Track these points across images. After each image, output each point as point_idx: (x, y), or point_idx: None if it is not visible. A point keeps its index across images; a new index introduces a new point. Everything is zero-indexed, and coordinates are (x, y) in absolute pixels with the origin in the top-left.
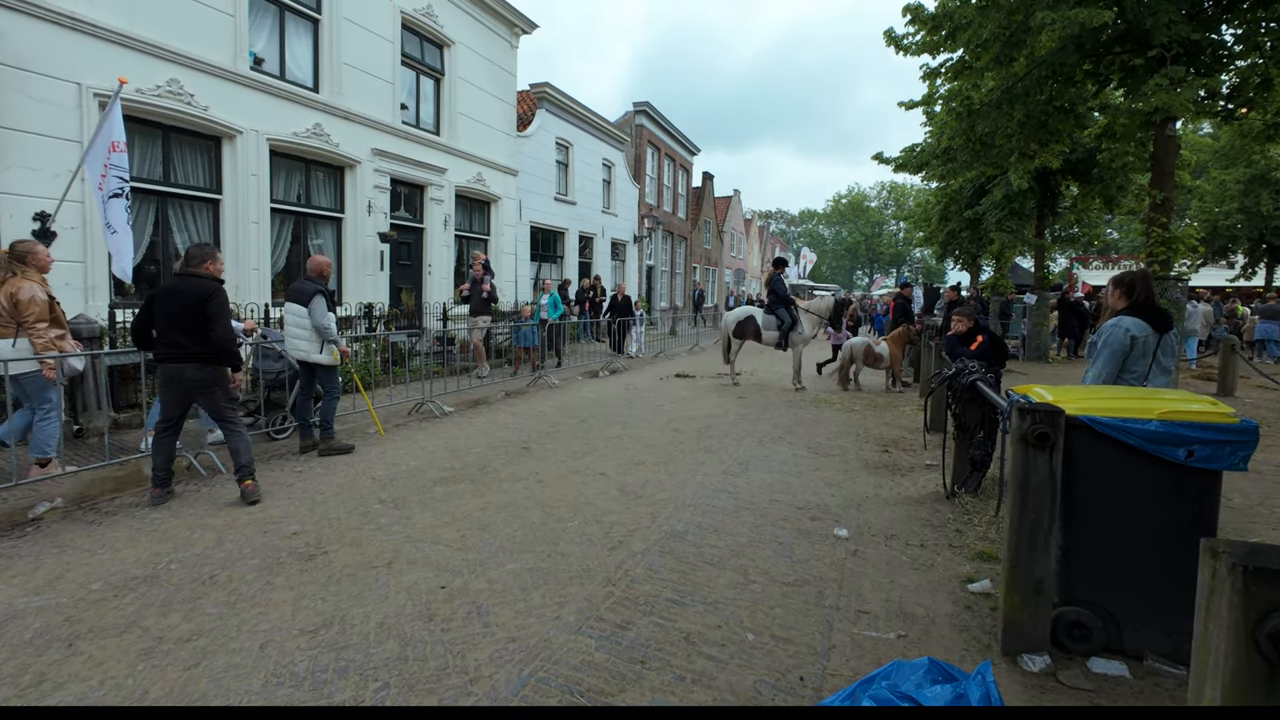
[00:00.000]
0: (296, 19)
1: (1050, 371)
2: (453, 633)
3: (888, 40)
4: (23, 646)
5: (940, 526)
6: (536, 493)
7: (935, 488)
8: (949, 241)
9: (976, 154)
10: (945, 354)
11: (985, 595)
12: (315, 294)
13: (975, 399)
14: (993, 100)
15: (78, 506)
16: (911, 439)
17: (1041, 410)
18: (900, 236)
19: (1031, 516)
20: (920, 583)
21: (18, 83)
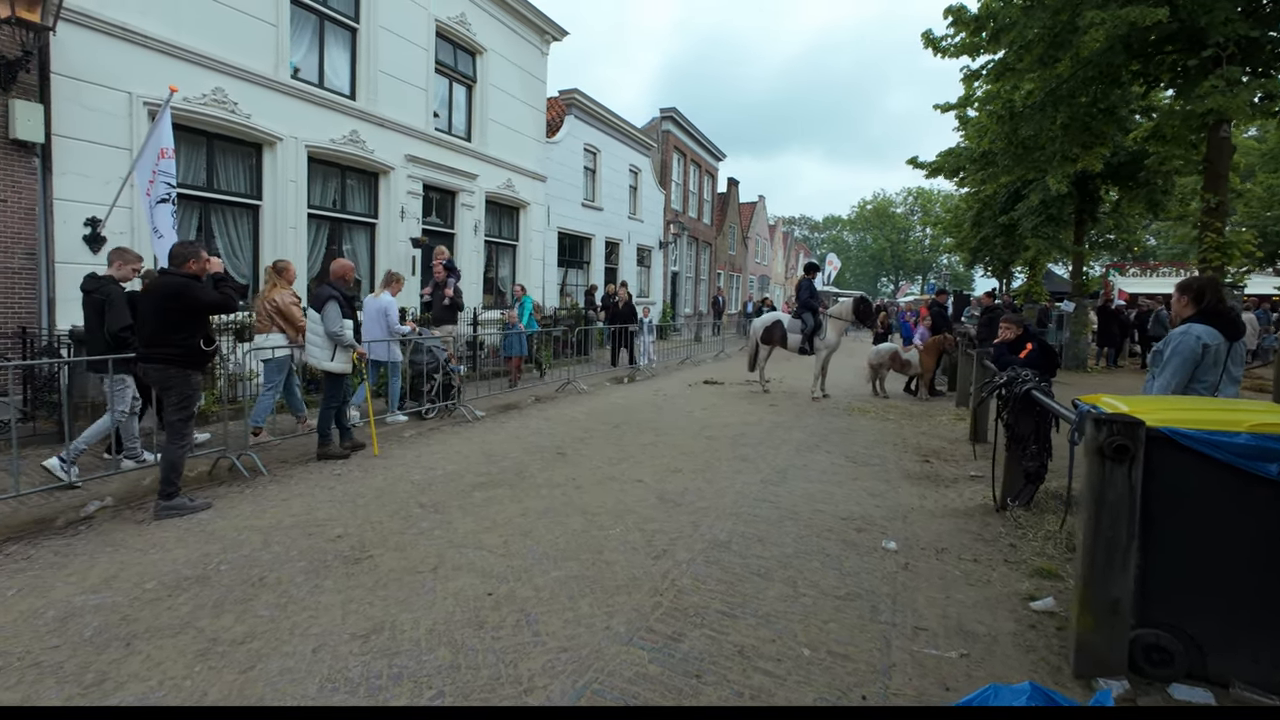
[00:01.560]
0: (335, 28)
1: (1091, 381)
2: (503, 641)
3: (925, 42)
4: (83, 644)
5: (992, 541)
6: (575, 499)
7: (983, 500)
8: (980, 248)
9: (1018, 158)
10: (992, 362)
11: (1049, 614)
12: (328, 299)
13: (1029, 408)
14: (1036, 102)
15: (126, 505)
16: (952, 449)
17: (1120, 421)
18: (926, 243)
19: (1107, 533)
20: (977, 599)
21: (72, 92)
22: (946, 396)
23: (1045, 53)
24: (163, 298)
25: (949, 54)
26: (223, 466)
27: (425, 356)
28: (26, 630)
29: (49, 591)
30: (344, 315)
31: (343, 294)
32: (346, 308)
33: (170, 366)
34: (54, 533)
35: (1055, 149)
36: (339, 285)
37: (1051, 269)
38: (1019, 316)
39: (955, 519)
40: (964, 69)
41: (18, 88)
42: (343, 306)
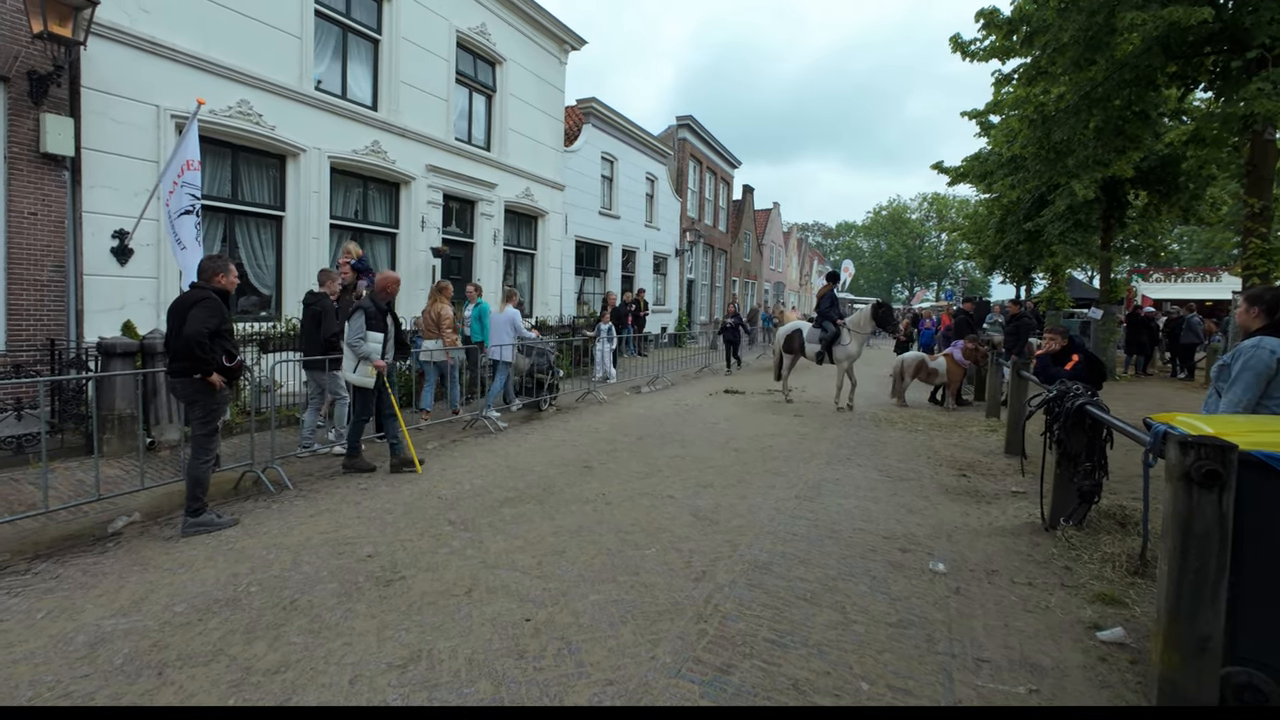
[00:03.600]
0: (358, 39)
1: (1120, 390)
2: (545, 672)
3: (954, 46)
4: (114, 673)
5: (1045, 562)
6: (606, 516)
7: (1029, 518)
8: (1002, 254)
9: (1050, 162)
10: (1036, 374)
11: (1120, 646)
12: (356, 310)
13: (1081, 424)
14: (1069, 106)
15: (154, 521)
16: (988, 462)
17: (1210, 445)
18: (942, 249)
19: (1196, 565)
20: (1039, 628)
21: (102, 106)
22: (974, 406)
23: (1080, 55)
24: (185, 308)
25: (978, 58)
26: (248, 481)
27: (537, 359)
28: (57, 657)
29: (78, 614)
30: (374, 328)
31: (378, 306)
32: (378, 321)
33: (192, 380)
34: (83, 550)
35: (1087, 154)
36: (378, 298)
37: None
38: (1063, 327)
39: (1002, 538)
40: (994, 73)
41: (49, 102)
42: (371, 319)
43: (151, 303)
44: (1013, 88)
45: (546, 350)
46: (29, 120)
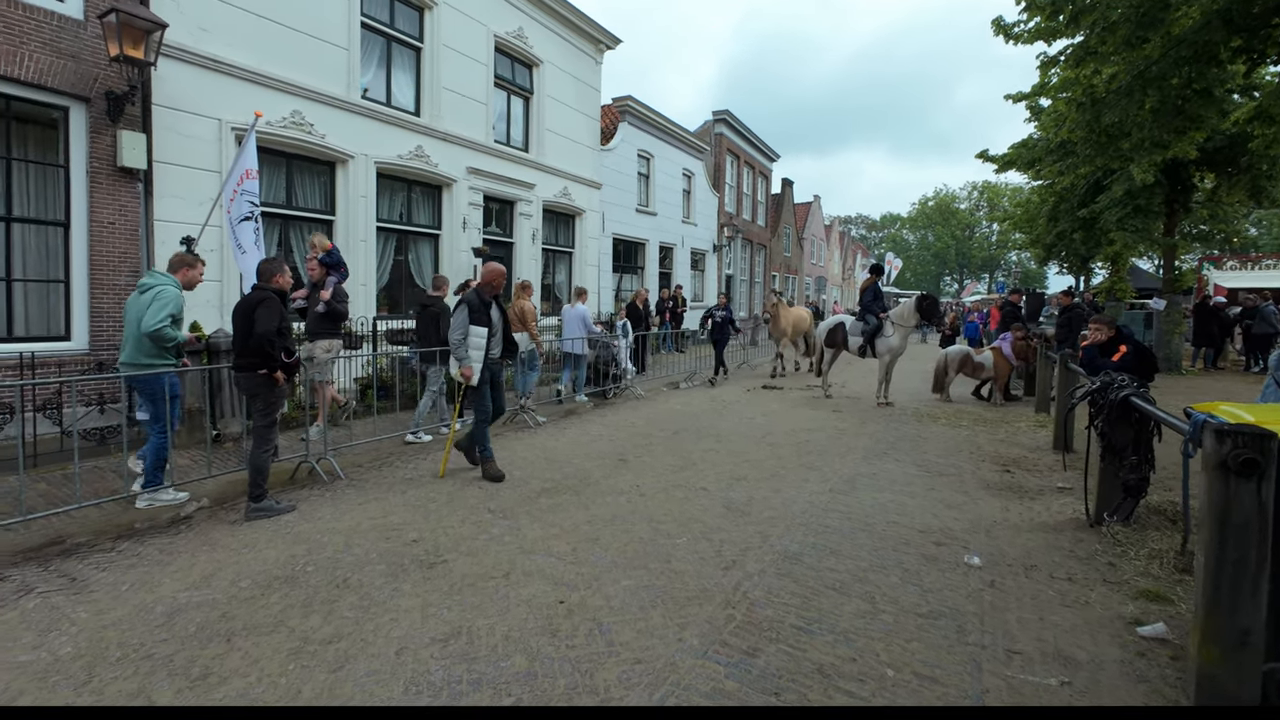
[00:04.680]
0: (401, 48)
1: (1184, 384)
2: (577, 650)
3: (996, 29)
4: (189, 639)
5: (1088, 559)
6: (640, 506)
7: (1074, 514)
8: (1056, 244)
9: (1100, 147)
10: (1082, 366)
11: (1161, 641)
12: (459, 304)
13: (1126, 416)
14: (1121, 87)
15: (221, 506)
16: (1034, 458)
17: (1247, 433)
18: (994, 239)
19: (1234, 556)
20: (1076, 622)
21: (170, 121)
22: (1023, 402)
23: (1132, 33)
24: (251, 308)
25: (1022, 40)
26: (304, 471)
27: (601, 351)
28: (140, 624)
29: (157, 587)
30: (477, 323)
31: (481, 300)
32: (482, 315)
33: (256, 375)
34: (159, 531)
35: (1143, 135)
36: (483, 291)
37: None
38: (1109, 317)
39: (1044, 534)
40: (1040, 55)
41: (124, 119)
42: (475, 313)
43: (215, 304)
44: (1059, 70)
45: (610, 344)
46: (107, 137)
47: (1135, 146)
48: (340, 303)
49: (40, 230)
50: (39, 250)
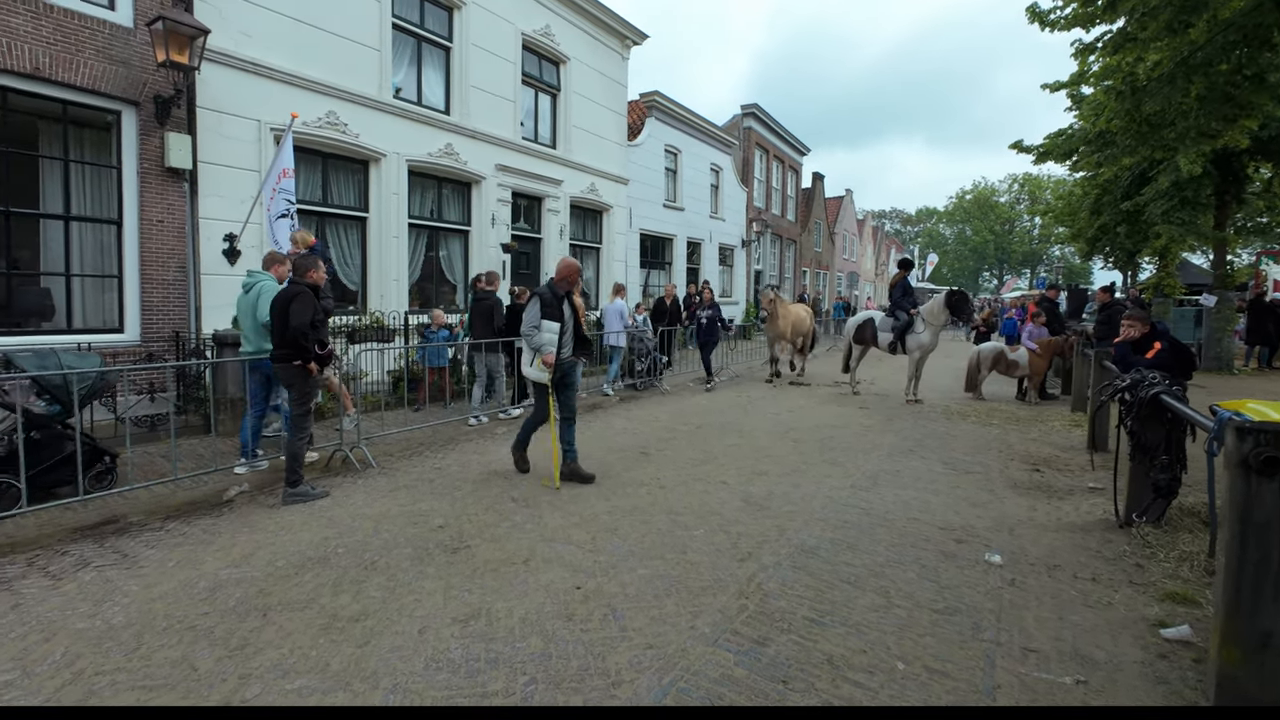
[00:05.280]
0: (431, 48)
1: (1235, 385)
2: (591, 634)
3: (1031, 16)
4: (229, 613)
5: (1115, 559)
6: (660, 499)
7: (1103, 514)
8: (1099, 237)
9: (1141, 137)
10: (1114, 363)
11: (1185, 644)
12: (531, 298)
13: (1157, 415)
14: (1164, 74)
15: (260, 491)
16: (1066, 458)
17: (1269, 430)
18: (1035, 233)
19: (1256, 556)
20: (1097, 622)
21: (214, 123)
22: (1060, 400)
23: (1174, 18)
24: (286, 303)
25: (1058, 27)
26: (338, 459)
27: (637, 344)
28: (185, 597)
29: (200, 564)
30: (550, 317)
31: (554, 294)
32: (554, 309)
33: (291, 366)
34: (203, 512)
35: (1189, 124)
36: (556, 285)
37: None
38: (1144, 312)
39: (1070, 534)
40: (1075, 43)
41: (171, 122)
42: (547, 307)
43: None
44: (1098, 57)
45: (646, 338)
46: (155, 139)
47: (1179, 136)
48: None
49: (96, 228)
50: (95, 247)
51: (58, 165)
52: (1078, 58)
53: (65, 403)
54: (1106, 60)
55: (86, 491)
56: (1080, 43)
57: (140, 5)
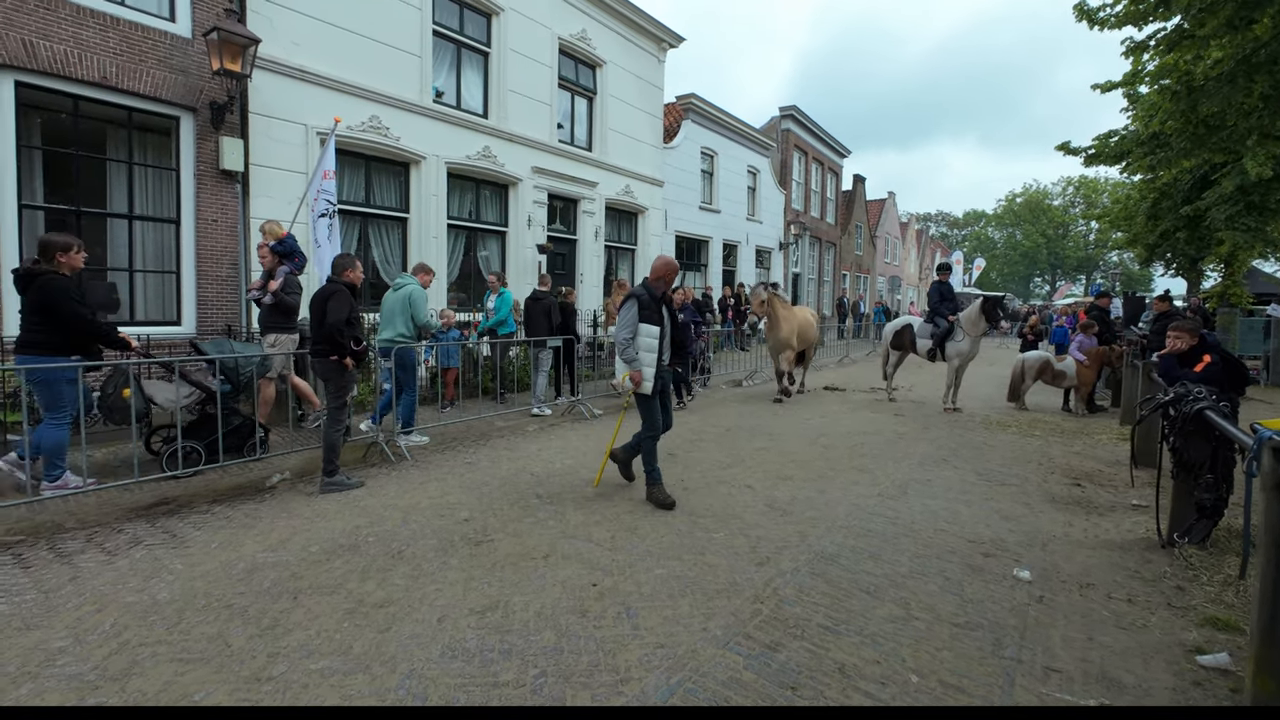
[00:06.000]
0: (470, 54)
1: None
2: (604, 630)
3: (1079, 14)
4: (262, 594)
5: (1154, 580)
6: (682, 500)
7: (1145, 533)
8: (1159, 244)
9: (1198, 139)
10: (1160, 376)
11: (1222, 672)
12: (627, 299)
13: (1202, 431)
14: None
15: (300, 479)
16: (1110, 473)
17: None
18: (1091, 238)
19: None
20: (1129, 645)
21: (264, 127)
22: (1109, 413)
23: (1235, 14)
24: (323, 300)
25: (1108, 25)
26: (374, 451)
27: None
28: (224, 577)
29: (240, 547)
30: (648, 320)
31: (651, 295)
32: (653, 312)
33: (329, 360)
34: (246, 498)
35: (1251, 125)
36: (653, 285)
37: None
38: (1193, 323)
39: (1107, 552)
40: (1126, 41)
41: (225, 127)
42: (645, 309)
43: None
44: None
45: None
46: (210, 143)
47: (1239, 137)
48: (291, 294)
49: (157, 227)
50: (156, 245)
51: (123, 168)
52: (1129, 56)
53: (235, 383)
54: (1165, 59)
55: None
56: (1131, 41)
57: (198, 17)
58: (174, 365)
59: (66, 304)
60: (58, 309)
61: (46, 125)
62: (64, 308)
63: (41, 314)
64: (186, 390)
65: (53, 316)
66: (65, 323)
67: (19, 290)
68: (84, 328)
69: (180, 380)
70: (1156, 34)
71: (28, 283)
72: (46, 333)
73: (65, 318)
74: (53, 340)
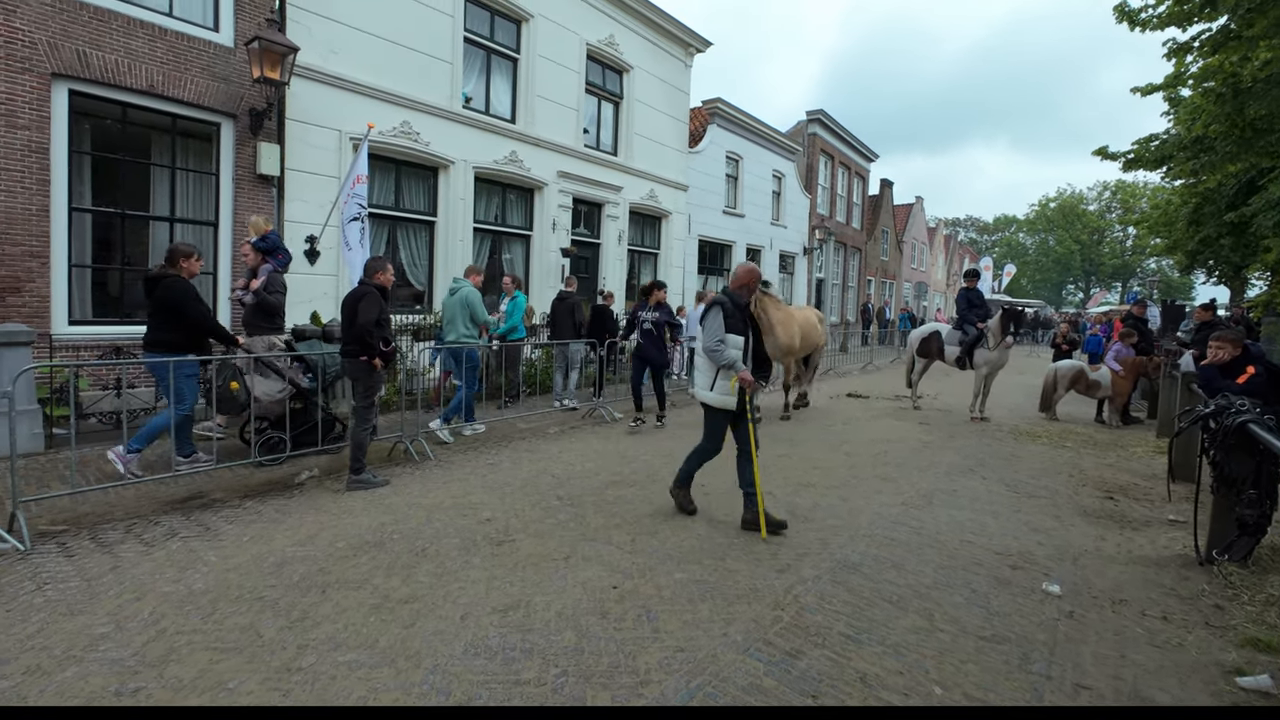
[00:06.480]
0: (499, 59)
1: None
2: (624, 632)
3: (1119, 15)
4: (292, 587)
5: (1191, 598)
6: (702, 505)
7: (1182, 549)
8: (1200, 250)
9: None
10: (1201, 387)
11: (1263, 695)
12: (710, 307)
13: (1245, 445)
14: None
15: (328, 476)
16: (1145, 486)
17: None
18: (1128, 244)
19: None
20: (1163, 664)
21: (301, 133)
22: (1144, 425)
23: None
24: (355, 302)
25: (1150, 26)
26: (399, 450)
27: None
28: (255, 570)
29: (270, 541)
30: (733, 330)
31: (735, 303)
32: (738, 321)
33: (359, 361)
34: (276, 493)
35: None
36: (737, 294)
37: None
38: (1236, 333)
39: (1142, 568)
40: (1169, 42)
41: (263, 132)
42: (730, 318)
43: (332, 296)
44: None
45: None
46: (249, 148)
47: None
48: (274, 293)
49: (196, 229)
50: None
51: (166, 172)
52: (1172, 58)
53: (321, 380)
54: (1206, 61)
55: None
56: (1174, 42)
57: (240, 26)
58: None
59: (190, 304)
60: (183, 309)
61: (95, 131)
62: (189, 308)
63: (167, 313)
64: (280, 385)
65: (177, 315)
66: (189, 321)
67: (145, 293)
68: (205, 326)
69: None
70: (1201, 35)
71: (154, 286)
72: (170, 331)
73: (190, 317)
74: (175, 338)
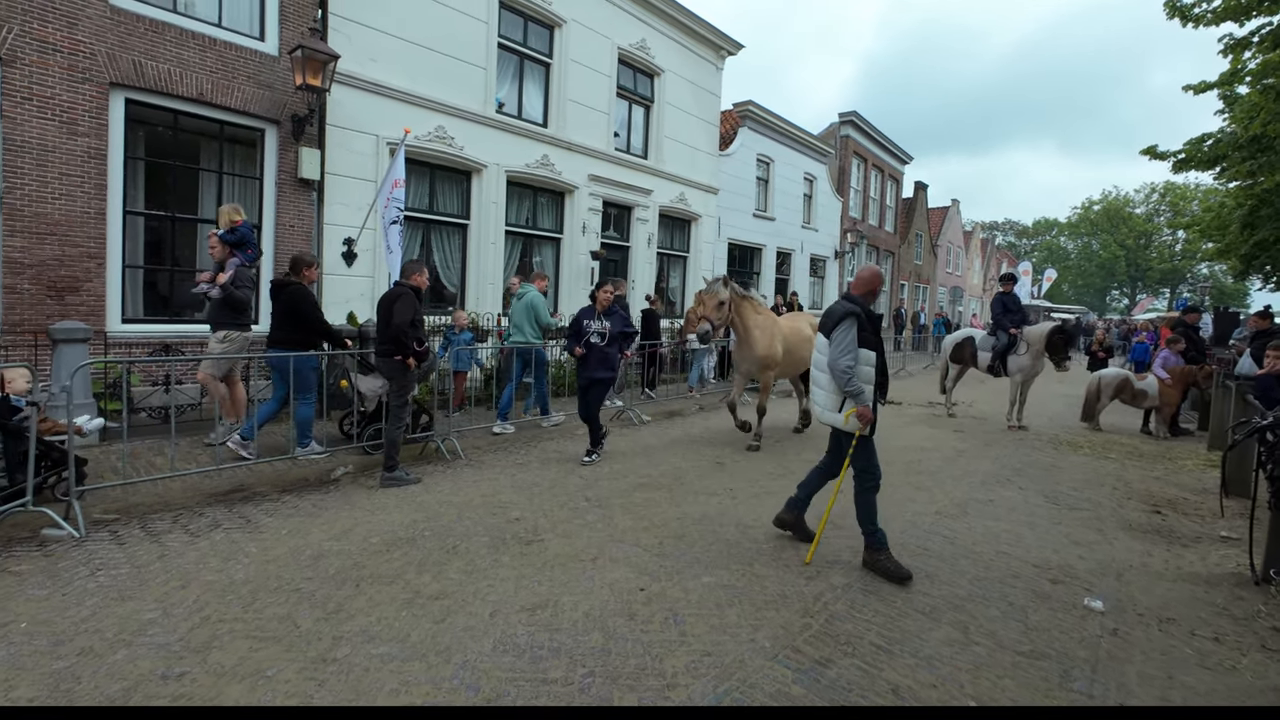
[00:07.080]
0: (532, 65)
1: None
2: (651, 635)
3: (1170, 11)
4: (327, 580)
5: (1245, 619)
6: (730, 509)
7: (1236, 568)
8: (1255, 255)
9: None
10: (1258, 398)
11: None
12: (844, 316)
13: None
14: None
15: (362, 473)
16: (1196, 501)
17: None
18: (1178, 249)
19: None
20: (1215, 687)
21: (341, 139)
22: (1195, 436)
23: None
24: (390, 303)
25: (1204, 22)
26: (430, 449)
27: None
28: (292, 563)
29: (307, 535)
30: (866, 344)
31: (866, 312)
32: (871, 335)
33: (393, 360)
34: (313, 489)
35: None
36: (861, 300)
37: None
38: None
39: (1191, 585)
40: (1226, 38)
41: (304, 138)
42: (863, 330)
43: (369, 297)
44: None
45: None
46: (291, 153)
47: None
48: (241, 288)
49: None
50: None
51: (213, 177)
52: (1228, 54)
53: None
54: (1265, 56)
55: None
56: (1231, 38)
57: (285, 36)
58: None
59: (310, 309)
60: (305, 313)
61: (149, 138)
62: (309, 312)
63: (291, 316)
64: (381, 382)
65: (299, 318)
66: (308, 323)
67: (272, 297)
68: (321, 329)
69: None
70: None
71: (280, 291)
72: (290, 331)
73: (310, 320)
74: (295, 338)
